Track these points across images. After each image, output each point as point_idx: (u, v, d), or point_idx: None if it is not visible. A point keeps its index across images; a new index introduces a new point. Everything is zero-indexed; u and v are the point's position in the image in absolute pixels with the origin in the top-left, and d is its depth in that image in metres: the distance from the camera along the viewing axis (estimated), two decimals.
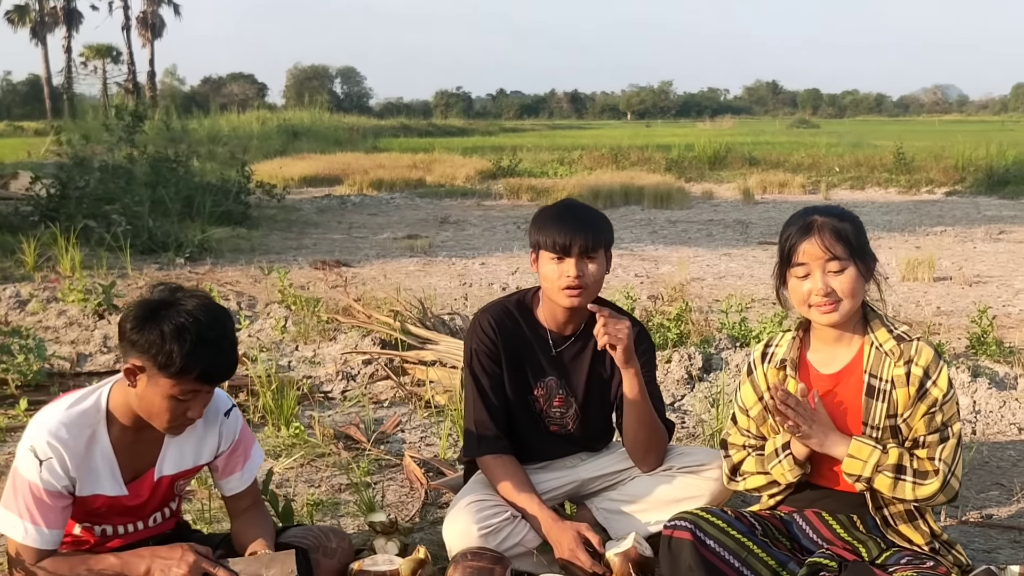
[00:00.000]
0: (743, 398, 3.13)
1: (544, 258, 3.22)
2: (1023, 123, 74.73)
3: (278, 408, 4.78)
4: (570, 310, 3.27)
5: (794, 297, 2.91)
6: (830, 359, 2.99)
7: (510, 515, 3.20)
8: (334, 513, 3.85)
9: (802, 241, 2.84)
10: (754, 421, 3.11)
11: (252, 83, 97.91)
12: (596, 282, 3.23)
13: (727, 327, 6.30)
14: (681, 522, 2.92)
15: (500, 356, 3.34)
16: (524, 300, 3.43)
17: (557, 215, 3.23)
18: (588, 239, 3.16)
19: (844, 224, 2.85)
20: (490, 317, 3.36)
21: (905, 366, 2.85)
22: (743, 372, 3.17)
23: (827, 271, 2.82)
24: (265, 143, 28.20)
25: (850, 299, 2.83)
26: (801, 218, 2.89)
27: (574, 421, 3.44)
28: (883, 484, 2.82)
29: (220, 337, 2.63)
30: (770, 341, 3.14)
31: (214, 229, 12.13)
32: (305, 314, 6.85)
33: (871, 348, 2.92)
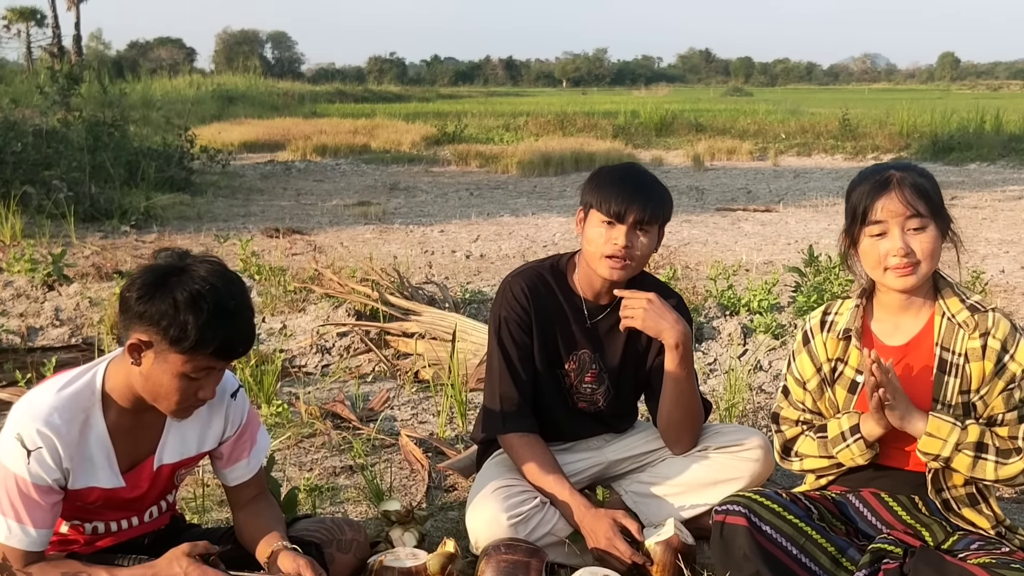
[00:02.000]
0: (800, 369, 2.88)
1: (594, 219, 2.95)
2: (951, 91, 76.18)
3: (258, 384, 4.45)
4: (609, 281, 3.01)
5: (868, 260, 2.67)
6: (896, 330, 2.77)
7: (539, 502, 2.94)
8: (334, 499, 3.56)
9: (880, 197, 2.59)
10: (811, 395, 2.87)
11: (180, 48, 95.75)
12: (643, 257, 2.98)
13: (715, 295, 6.09)
14: (734, 506, 2.68)
15: (532, 325, 3.07)
16: (558, 265, 3.15)
17: (619, 177, 2.96)
18: (647, 210, 2.90)
19: (923, 180, 2.62)
20: (523, 282, 3.08)
21: (981, 339, 2.63)
22: (797, 341, 2.93)
23: (907, 229, 2.59)
24: (200, 108, 27.32)
25: (929, 261, 2.61)
26: (875, 174, 2.65)
27: (605, 398, 3.18)
28: (962, 464, 2.61)
29: (240, 306, 2.33)
30: (828, 308, 2.90)
31: (158, 196, 11.62)
32: (271, 284, 6.49)
33: (942, 319, 2.70)
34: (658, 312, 2.94)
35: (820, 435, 2.83)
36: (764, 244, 9.84)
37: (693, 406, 3.10)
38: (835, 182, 15.73)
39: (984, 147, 18.96)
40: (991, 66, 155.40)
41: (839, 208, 12.59)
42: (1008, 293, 7.32)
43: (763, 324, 5.53)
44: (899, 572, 2.56)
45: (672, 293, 3.17)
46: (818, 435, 2.84)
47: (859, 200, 2.64)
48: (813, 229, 10.81)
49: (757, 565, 2.59)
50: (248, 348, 2.40)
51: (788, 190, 14.64)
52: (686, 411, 3.08)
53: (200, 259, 2.36)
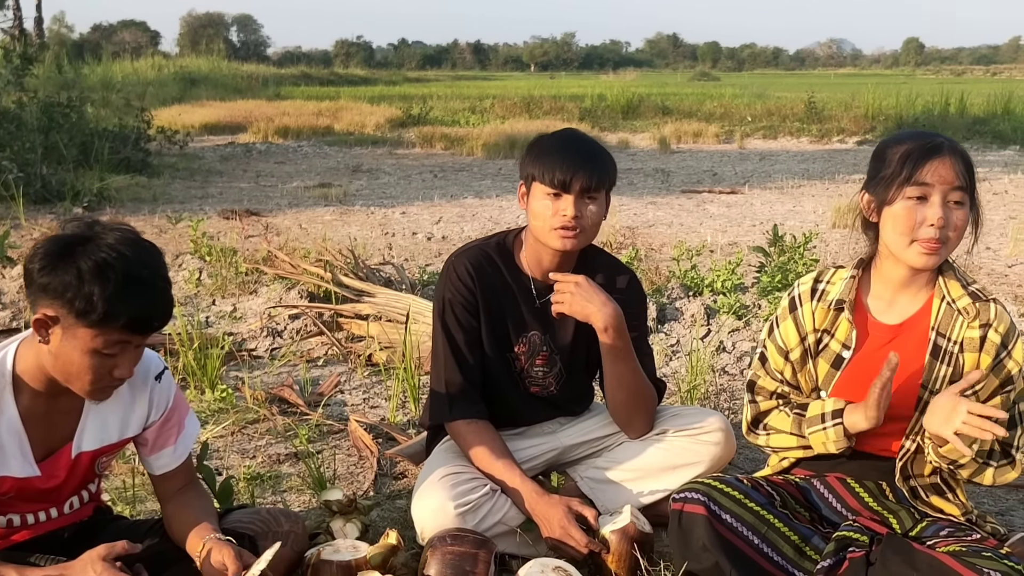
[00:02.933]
0: (783, 336, 2.71)
1: (538, 192, 2.78)
2: (916, 76, 76.68)
3: (202, 368, 4.26)
4: (560, 254, 2.85)
5: (899, 224, 2.45)
6: (890, 307, 2.61)
7: (489, 489, 2.78)
8: (276, 488, 3.38)
9: (932, 159, 2.40)
10: (792, 365, 2.71)
11: (144, 31, 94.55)
12: (594, 226, 2.82)
13: (678, 275, 5.96)
14: (692, 494, 2.54)
15: (478, 307, 2.90)
16: (504, 243, 2.99)
17: (559, 146, 2.79)
18: (592, 176, 2.74)
19: (968, 156, 2.46)
20: (467, 262, 2.91)
21: (981, 329, 2.47)
22: (782, 307, 2.75)
23: (948, 200, 2.42)
24: (162, 90, 26.87)
25: (956, 240, 2.45)
26: (922, 137, 2.45)
27: (557, 382, 3.03)
28: (967, 470, 2.48)
29: (153, 276, 2.14)
30: (820, 275, 2.72)
31: (113, 177, 11.32)
32: (222, 265, 6.28)
33: (941, 303, 2.54)
34: (585, 295, 2.78)
35: (796, 412, 2.67)
36: (729, 226, 9.72)
37: (638, 388, 2.94)
38: (800, 164, 15.67)
39: (949, 130, 18.92)
40: (955, 51, 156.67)
41: (804, 190, 12.54)
42: (973, 273, 7.25)
43: (726, 305, 5.40)
44: (865, 561, 2.43)
45: (624, 270, 3.02)
46: (795, 411, 2.68)
47: (905, 158, 2.43)
48: (778, 211, 10.71)
49: (717, 556, 2.45)
50: (164, 321, 2.21)
51: (754, 172, 14.54)
52: (630, 393, 2.93)
53: (110, 227, 2.17)
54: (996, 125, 19.07)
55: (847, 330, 2.62)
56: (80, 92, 18.10)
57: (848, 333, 2.61)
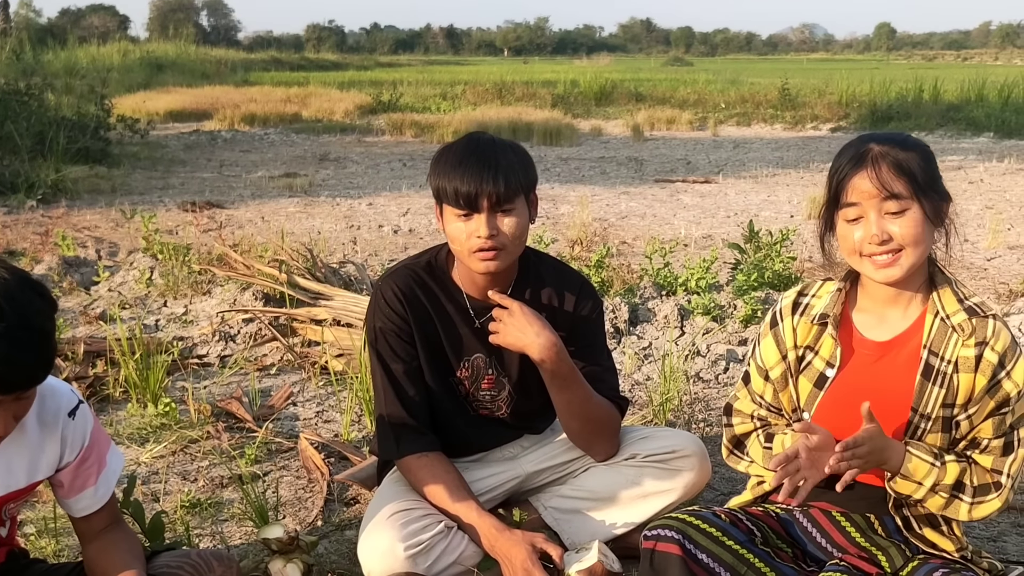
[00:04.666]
0: (763, 355, 2.49)
1: (448, 215, 2.51)
2: (888, 61, 76.88)
3: (144, 381, 3.99)
4: (490, 274, 2.60)
5: (844, 246, 2.27)
6: (880, 323, 2.38)
7: (444, 527, 2.54)
8: (216, 517, 3.12)
9: (854, 175, 2.19)
10: (773, 385, 2.48)
11: (113, 15, 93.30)
12: (516, 239, 2.52)
13: (651, 274, 5.73)
14: (665, 531, 2.30)
15: (412, 334, 2.65)
16: (436, 261, 2.72)
17: (460, 159, 2.47)
18: (499, 187, 2.44)
19: (908, 154, 2.20)
20: (395, 285, 2.65)
21: (977, 348, 2.24)
22: (764, 323, 2.52)
23: (884, 213, 2.20)
24: (127, 76, 26.36)
25: (913, 248, 2.21)
26: (855, 147, 2.25)
27: (508, 405, 2.79)
28: (934, 503, 2.26)
29: (13, 329, 1.85)
30: (804, 288, 2.50)
31: (70, 168, 10.97)
32: (174, 264, 5.99)
33: (935, 318, 2.31)
34: (518, 326, 2.52)
35: (767, 446, 2.47)
36: (703, 217, 9.52)
37: (591, 414, 2.69)
38: (774, 152, 15.51)
39: (922, 116, 18.86)
40: (926, 36, 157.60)
41: (779, 179, 12.37)
42: (951, 268, 7.05)
43: (701, 305, 5.18)
44: None
45: (573, 280, 2.76)
46: (765, 445, 2.47)
47: (833, 177, 2.25)
48: (753, 201, 10.52)
49: None
50: (37, 379, 1.92)
51: (728, 161, 14.36)
52: (584, 420, 2.69)
53: None
54: (970, 112, 18.97)
55: (831, 347, 2.39)
56: (42, 79, 17.67)
57: (832, 350, 2.39)
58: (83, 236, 7.72)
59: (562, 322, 2.71)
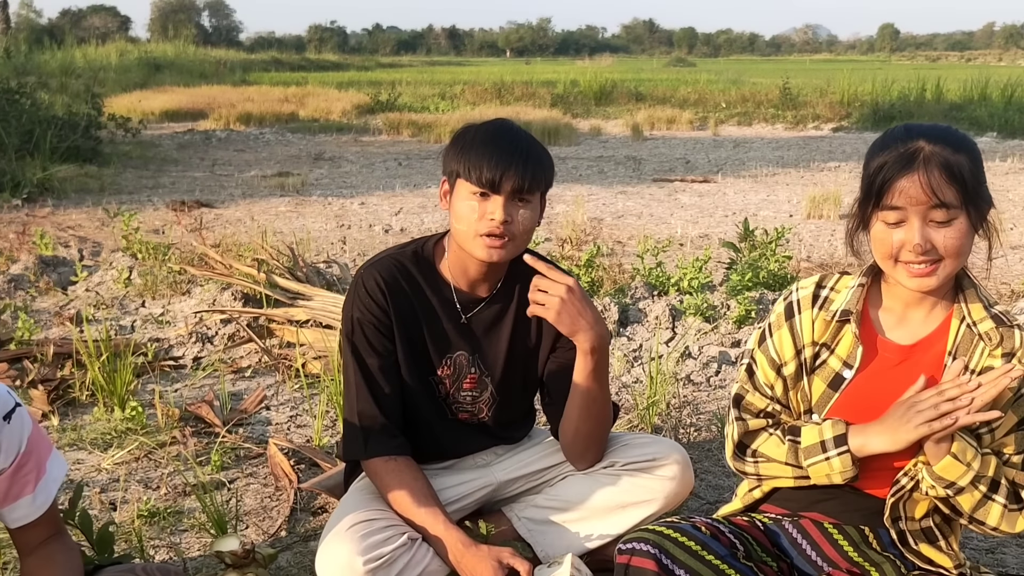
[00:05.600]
0: (777, 347, 2.30)
1: (462, 192, 2.38)
2: (891, 62, 76.70)
3: (111, 384, 3.84)
4: (487, 264, 2.46)
5: (879, 249, 2.09)
6: (901, 324, 2.22)
7: (407, 539, 2.39)
8: (175, 527, 2.97)
9: (901, 176, 2.00)
10: (784, 380, 2.30)
11: (114, 16, 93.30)
12: (525, 232, 2.42)
13: (643, 273, 5.57)
14: (641, 544, 2.14)
15: (392, 327, 2.50)
16: (423, 251, 2.58)
17: (490, 138, 2.37)
18: (526, 175, 2.33)
19: (959, 156, 2.00)
20: (378, 275, 2.50)
21: (1004, 359, 2.09)
22: (777, 313, 2.34)
23: (929, 220, 2.02)
24: (124, 76, 26.24)
25: (954, 260, 2.03)
26: (901, 141, 2.04)
27: (489, 407, 2.64)
28: (968, 500, 2.08)
29: None
30: (823, 280, 2.31)
31: (58, 166, 10.82)
32: (154, 263, 5.84)
33: (961, 324, 2.15)
34: (578, 307, 2.36)
35: (791, 438, 2.27)
36: (701, 216, 9.37)
37: (604, 416, 2.58)
38: (775, 152, 15.36)
39: (925, 116, 18.67)
40: (930, 37, 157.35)
41: (779, 178, 12.20)
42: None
43: (693, 305, 5.03)
44: None
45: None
46: (788, 437, 2.27)
47: (876, 174, 2.04)
48: (752, 200, 10.36)
49: None
50: None
51: (727, 160, 14.20)
52: (596, 422, 2.56)
53: None
54: (973, 111, 18.81)
55: (851, 346, 2.23)
56: (37, 78, 17.55)
57: (852, 350, 2.22)
58: (67, 235, 7.59)
59: (551, 323, 2.57)
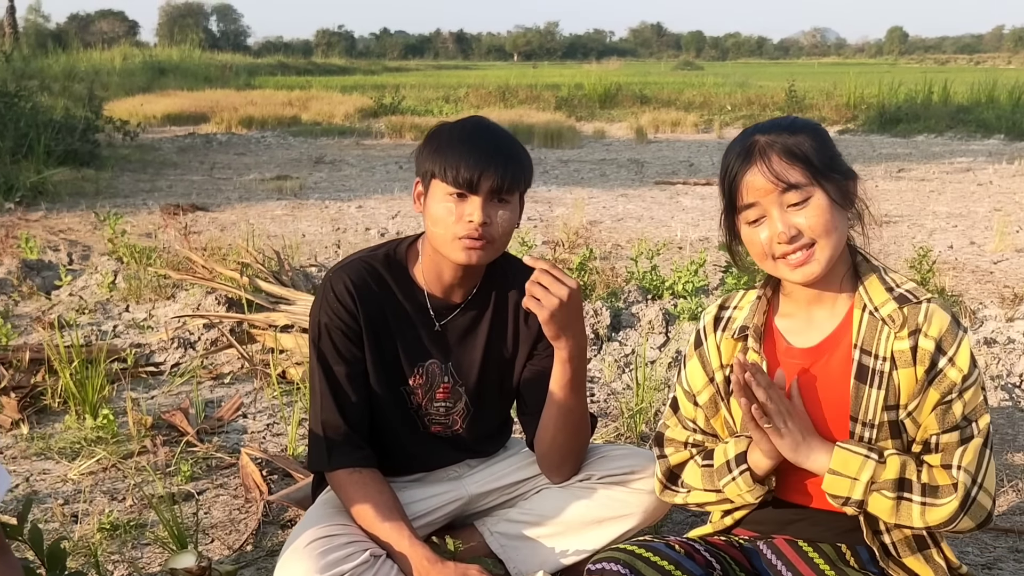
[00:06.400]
0: (689, 379, 2.24)
1: (438, 193, 2.27)
2: (900, 65, 76.46)
3: (82, 391, 3.73)
4: (463, 268, 2.34)
5: (752, 251, 2.02)
6: (805, 327, 2.11)
7: (370, 556, 2.27)
8: (137, 541, 2.85)
9: (744, 172, 1.95)
10: (703, 411, 2.22)
11: (122, 20, 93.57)
12: (504, 234, 2.31)
13: (637, 277, 5.45)
14: (611, 564, 2.03)
15: (361, 333, 2.39)
16: (395, 254, 2.46)
17: (466, 137, 2.28)
18: (506, 175, 2.24)
19: (797, 137, 1.95)
20: (347, 278, 2.39)
21: (911, 338, 1.96)
22: (689, 344, 2.27)
23: (786, 206, 1.94)
24: (128, 80, 26.21)
25: (827, 238, 1.93)
26: (740, 141, 2.00)
27: (463, 419, 2.52)
28: (880, 507, 1.97)
29: None
30: (725, 301, 2.24)
31: (54, 170, 10.73)
32: (138, 268, 5.74)
33: (863, 313, 2.04)
34: (574, 313, 2.26)
35: (706, 463, 2.19)
36: (702, 219, 9.24)
37: (581, 427, 2.46)
38: None
39: (932, 118, 18.55)
40: (939, 40, 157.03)
41: None
42: (957, 271, 6.78)
43: (687, 309, 4.90)
44: None
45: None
46: (703, 463, 2.20)
47: (724, 178, 2.01)
48: None
49: None
50: None
51: None
52: (573, 433, 2.45)
53: None
54: (980, 114, 18.64)
55: (755, 358, 2.12)
56: (41, 82, 17.50)
57: None
58: (57, 239, 7.49)
59: (530, 327, 2.47)
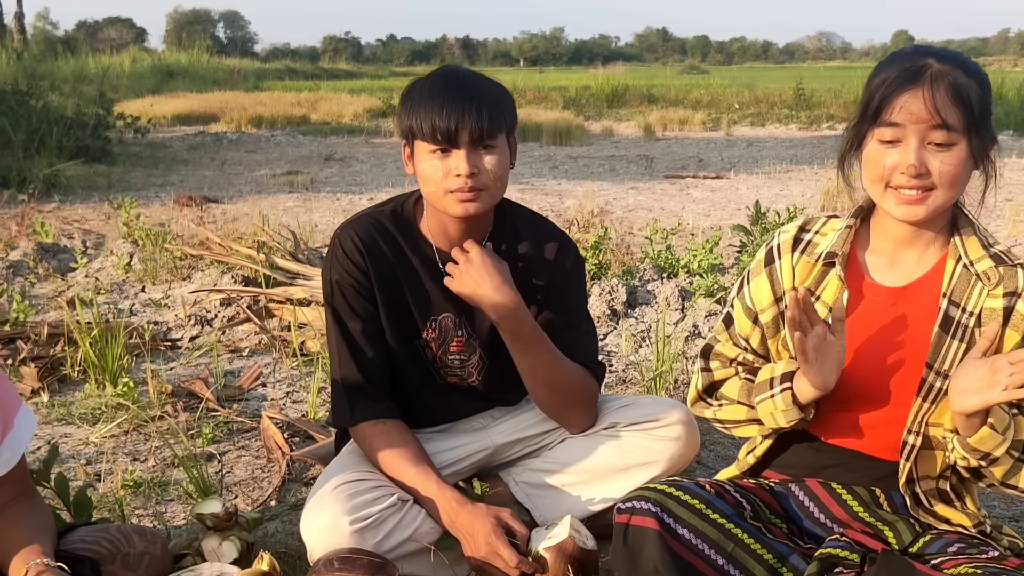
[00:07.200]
0: (753, 295, 2.19)
1: (422, 151, 2.26)
2: None
3: (102, 360, 3.74)
4: (465, 221, 2.34)
5: (869, 170, 1.97)
6: (892, 267, 2.09)
7: (397, 500, 2.28)
8: (161, 496, 2.87)
9: (903, 91, 1.88)
10: (762, 330, 2.18)
11: (130, 27, 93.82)
12: (497, 180, 2.28)
13: (652, 256, 5.45)
14: (641, 503, 2.02)
15: (372, 289, 2.39)
16: (402, 210, 2.46)
17: (437, 90, 2.24)
18: (482, 120, 2.20)
19: (969, 80, 1.89)
20: (355, 234, 2.39)
21: (1006, 299, 1.96)
22: (757, 260, 2.22)
23: (927, 142, 1.91)
24: (137, 82, 26.23)
25: (947, 189, 1.92)
26: (909, 58, 1.93)
27: (478, 371, 2.52)
28: (1000, 468, 1.95)
29: None
30: (807, 224, 2.19)
31: (66, 164, 10.77)
32: (154, 249, 5.75)
33: (956, 264, 2.02)
34: (476, 275, 2.28)
35: (748, 377, 2.16)
36: (713, 210, 9.24)
37: (559, 381, 2.44)
38: (788, 150, 15.19)
39: None
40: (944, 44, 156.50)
41: (792, 175, 12.04)
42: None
43: (703, 287, 4.90)
44: None
45: (554, 234, 2.51)
46: (746, 376, 2.17)
47: (877, 89, 1.93)
48: (765, 195, 10.21)
49: None
50: None
51: (740, 158, 14.06)
52: (550, 389, 2.45)
53: None
54: None
55: (837, 291, 2.10)
56: (51, 83, 17.52)
57: (837, 295, 2.10)
58: (71, 228, 7.51)
59: (539, 278, 2.46)
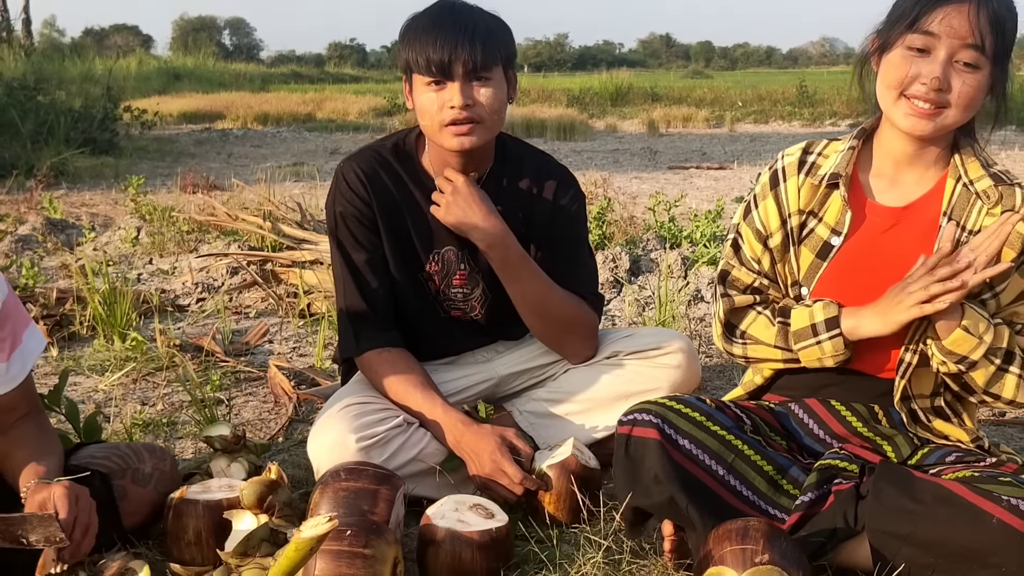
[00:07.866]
0: (763, 217, 2.21)
1: (419, 85, 2.29)
2: None
3: (111, 316, 3.78)
4: (464, 154, 2.36)
5: (889, 74, 2.01)
6: (893, 187, 2.13)
7: (403, 421, 2.31)
8: (169, 435, 2.90)
9: (945, 4, 1.92)
10: (772, 253, 2.21)
11: (136, 34, 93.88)
12: (493, 112, 2.31)
13: (655, 227, 5.48)
14: (643, 415, 2.06)
15: (376, 220, 2.42)
16: (403, 144, 2.49)
17: (431, 22, 2.27)
18: (475, 52, 2.23)
19: (1012, 13, 1.96)
20: (357, 167, 2.42)
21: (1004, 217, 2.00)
22: (762, 183, 2.25)
23: (955, 60, 1.95)
24: (143, 84, 26.29)
25: (960, 111, 1.97)
26: None
27: (481, 305, 2.55)
28: (982, 374, 2.00)
29: None
30: (810, 146, 2.23)
31: (74, 152, 10.84)
32: (162, 223, 5.80)
33: (956, 184, 2.07)
34: (463, 204, 2.33)
35: (781, 320, 2.18)
36: (716, 196, 9.24)
37: (552, 311, 2.48)
38: (792, 144, 15.18)
39: None
40: None
41: None
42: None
43: (706, 255, 4.93)
44: (854, 494, 1.97)
45: (555, 170, 2.55)
46: (778, 319, 2.18)
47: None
48: None
49: (672, 489, 1.97)
50: None
51: (744, 151, 14.09)
52: (543, 318, 2.49)
53: None
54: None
55: (839, 212, 2.13)
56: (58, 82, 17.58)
57: (840, 216, 2.13)
58: (79, 211, 7.55)
59: (541, 212, 2.50)
